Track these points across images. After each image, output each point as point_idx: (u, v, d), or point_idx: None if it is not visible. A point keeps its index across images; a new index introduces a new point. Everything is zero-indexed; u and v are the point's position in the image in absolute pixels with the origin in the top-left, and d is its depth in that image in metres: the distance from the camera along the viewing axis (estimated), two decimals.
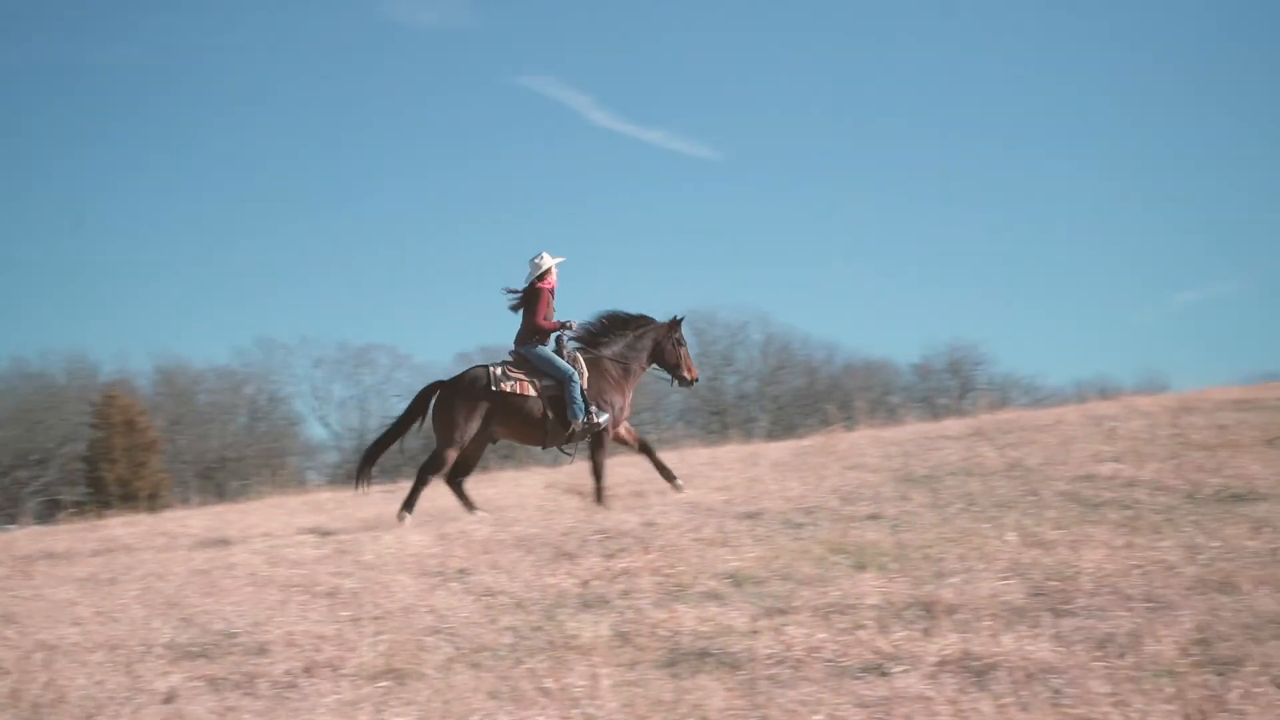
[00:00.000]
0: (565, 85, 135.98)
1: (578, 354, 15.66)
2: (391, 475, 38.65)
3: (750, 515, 12.32)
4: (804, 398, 74.82)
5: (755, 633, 8.17)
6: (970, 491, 12.54)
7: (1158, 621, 7.53)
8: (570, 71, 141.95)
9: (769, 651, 7.72)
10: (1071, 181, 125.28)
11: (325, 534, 14.36)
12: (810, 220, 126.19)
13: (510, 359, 15.60)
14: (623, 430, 15.84)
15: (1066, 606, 8.11)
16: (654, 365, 16.31)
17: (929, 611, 8.23)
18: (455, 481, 15.53)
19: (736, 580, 9.69)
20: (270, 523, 17.05)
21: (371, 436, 14.44)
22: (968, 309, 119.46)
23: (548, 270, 15.63)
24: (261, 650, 8.83)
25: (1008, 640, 7.40)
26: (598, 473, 15.36)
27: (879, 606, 8.48)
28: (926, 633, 7.76)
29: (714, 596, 9.29)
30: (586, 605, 9.37)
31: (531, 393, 15.22)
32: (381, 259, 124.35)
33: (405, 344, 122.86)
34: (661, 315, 16.17)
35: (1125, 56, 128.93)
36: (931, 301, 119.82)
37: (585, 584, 10.01)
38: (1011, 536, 10.22)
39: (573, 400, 15.19)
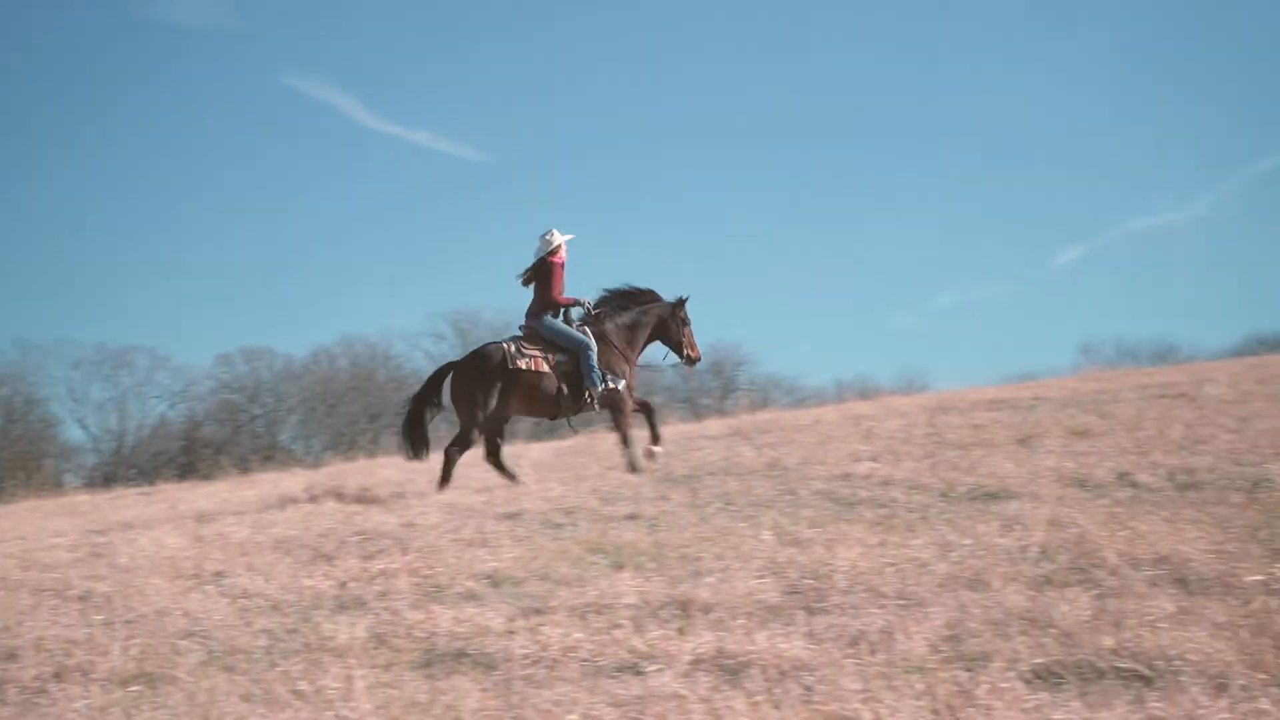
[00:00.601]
0: (332, 86, 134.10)
1: (585, 327, 16.09)
2: (151, 477, 38.04)
3: (510, 516, 12.31)
4: None
5: (512, 633, 8.13)
6: (728, 491, 12.66)
7: (909, 618, 7.63)
8: (337, 72, 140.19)
9: (525, 651, 7.68)
10: (834, 183, 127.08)
11: (80, 537, 14.09)
12: (575, 220, 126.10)
13: (522, 334, 16.01)
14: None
15: (820, 604, 8.19)
16: (657, 342, 16.70)
17: (685, 610, 8.25)
18: (493, 458, 15.86)
19: (494, 581, 9.65)
20: (24, 526, 16.74)
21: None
22: (731, 309, 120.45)
23: (558, 246, 16.05)
24: (11, 656, 8.59)
25: (761, 638, 7.44)
26: (625, 439, 15.95)
27: (635, 606, 8.48)
28: (681, 631, 7.78)
29: (471, 597, 9.23)
30: (343, 607, 9.26)
31: (546, 369, 15.63)
32: (140, 259, 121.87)
33: (164, 345, 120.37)
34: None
35: (878, 59, 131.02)
36: (696, 301, 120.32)
37: (343, 586, 9.90)
38: (768, 535, 10.32)
39: (590, 369, 15.69)
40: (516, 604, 8.86)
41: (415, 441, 16.02)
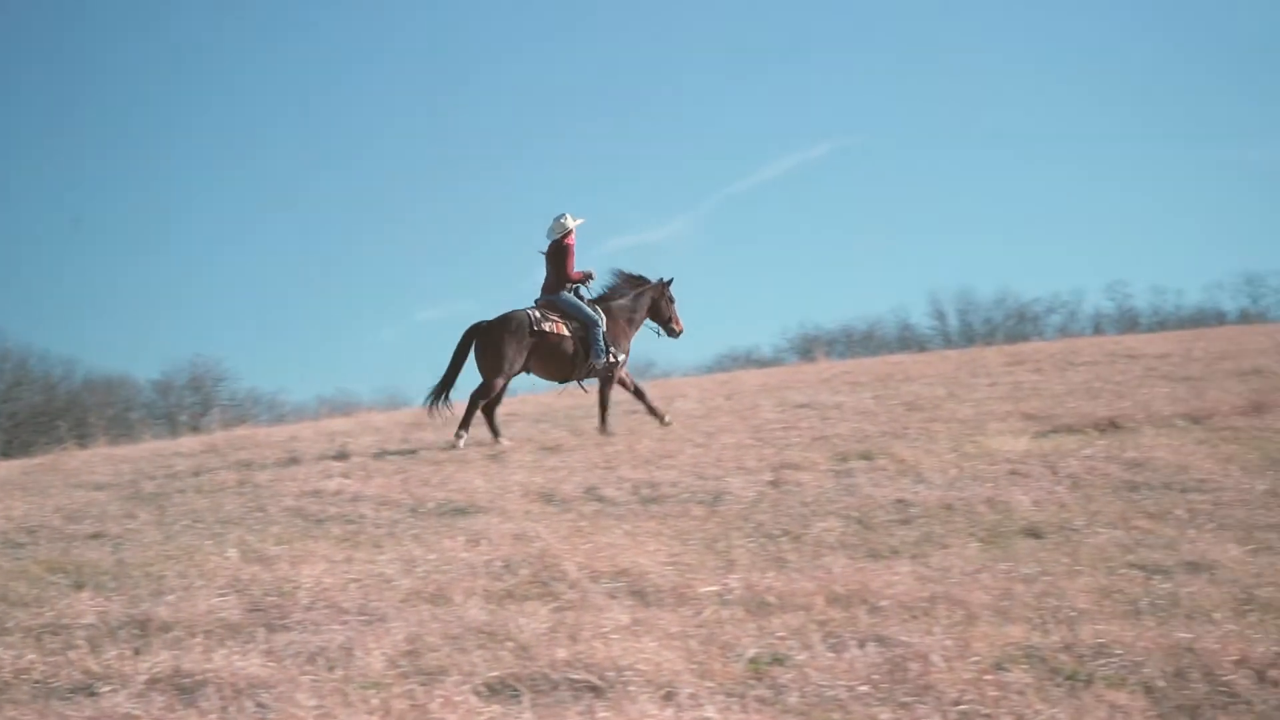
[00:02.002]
0: None
1: (595, 304, 17.86)
2: None
3: None
4: (42, 415, 72.25)
5: None
6: (197, 509, 12.49)
7: (369, 634, 7.62)
8: None
9: None
10: (313, 200, 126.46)
11: None
12: (46, 232, 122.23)
13: (540, 304, 17.64)
14: (624, 374, 18.02)
15: (282, 622, 8.11)
16: (649, 319, 18.52)
17: (143, 630, 8.07)
18: (490, 411, 17.17)
19: None
20: None
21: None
22: (210, 324, 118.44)
23: (570, 229, 17.73)
24: None
25: (219, 657, 7.30)
26: (605, 404, 17.66)
27: (93, 626, 8.25)
28: (138, 651, 7.59)
29: None
30: None
31: (565, 333, 17.37)
32: None
33: None
34: None
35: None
36: (174, 316, 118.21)
37: None
38: (233, 553, 10.20)
39: (596, 341, 17.45)
40: None
41: (438, 396, 17.16)
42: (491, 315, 16.78)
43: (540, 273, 17.87)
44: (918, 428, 15.33)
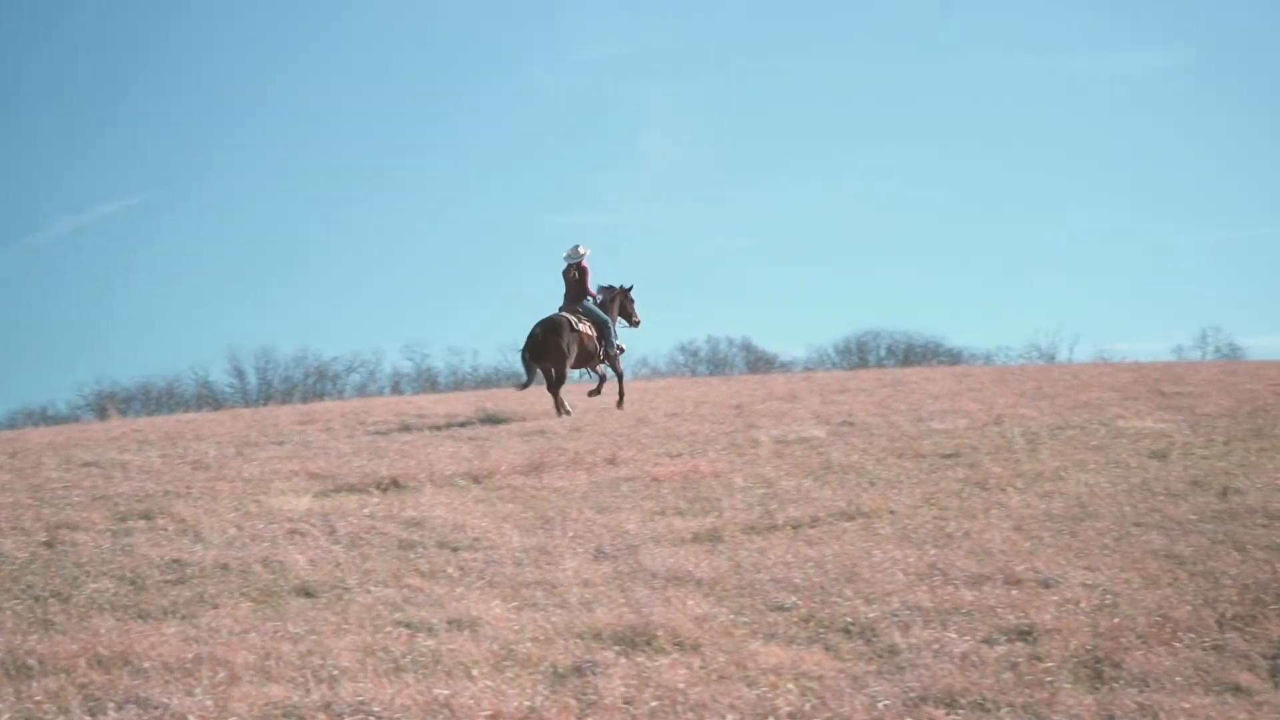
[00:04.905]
0: None
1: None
2: None
3: None
4: None
5: None
6: None
7: None
8: None
9: None
10: None
11: None
12: None
13: (568, 310, 23.93)
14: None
15: None
16: (620, 315, 25.06)
17: None
18: (555, 391, 23.42)
19: None
20: None
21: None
22: None
23: (583, 255, 24.36)
24: None
25: None
26: (621, 381, 24.72)
27: None
28: None
29: None
30: None
31: (593, 333, 23.72)
32: None
33: None
34: None
35: None
36: None
37: None
38: None
39: (609, 337, 24.02)
40: None
41: (532, 376, 23.56)
42: None
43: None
44: (201, 487, 15.27)
